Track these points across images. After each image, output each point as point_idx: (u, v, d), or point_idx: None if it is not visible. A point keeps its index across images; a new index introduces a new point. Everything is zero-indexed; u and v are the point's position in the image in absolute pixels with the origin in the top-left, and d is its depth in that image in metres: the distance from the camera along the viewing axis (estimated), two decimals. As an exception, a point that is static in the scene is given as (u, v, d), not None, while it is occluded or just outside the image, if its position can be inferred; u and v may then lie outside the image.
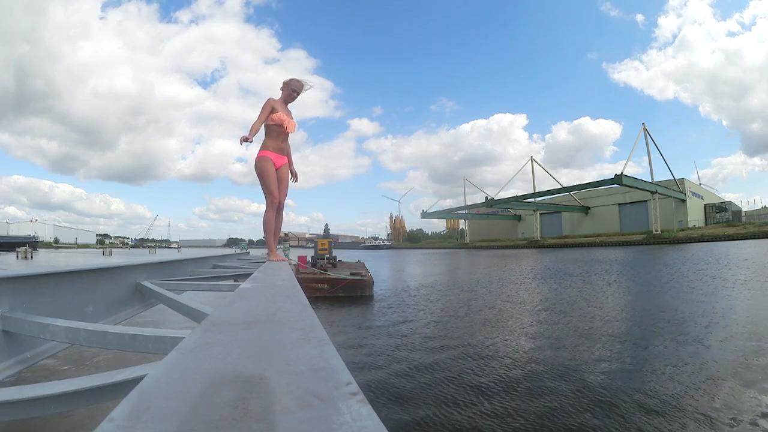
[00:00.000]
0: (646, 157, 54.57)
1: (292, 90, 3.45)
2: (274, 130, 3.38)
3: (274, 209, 3.42)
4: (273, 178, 3.37)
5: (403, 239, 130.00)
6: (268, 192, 3.37)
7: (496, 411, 4.17)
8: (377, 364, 5.83)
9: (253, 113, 3.25)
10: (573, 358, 5.79)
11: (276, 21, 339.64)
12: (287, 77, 3.51)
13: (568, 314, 8.88)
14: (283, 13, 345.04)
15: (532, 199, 66.25)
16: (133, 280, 2.23)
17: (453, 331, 7.78)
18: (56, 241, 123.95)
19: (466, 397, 4.54)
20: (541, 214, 70.09)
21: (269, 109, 3.31)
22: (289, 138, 3.53)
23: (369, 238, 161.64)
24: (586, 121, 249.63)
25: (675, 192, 55.03)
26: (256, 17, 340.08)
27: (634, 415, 3.92)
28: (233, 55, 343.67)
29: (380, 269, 24.49)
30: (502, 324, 8.30)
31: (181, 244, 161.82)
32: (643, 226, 56.19)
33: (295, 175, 3.75)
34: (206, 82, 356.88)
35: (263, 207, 3.45)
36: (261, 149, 3.40)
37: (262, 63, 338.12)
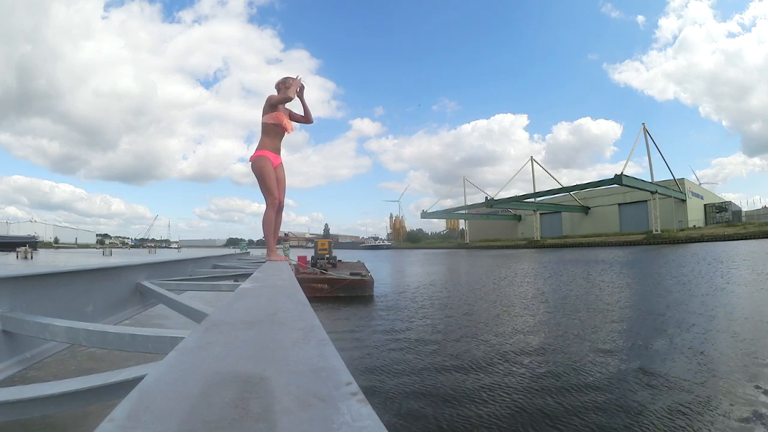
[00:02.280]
0: (646, 157, 54.71)
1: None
2: (272, 130, 3.37)
3: (275, 209, 3.41)
4: (272, 178, 3.35)
5: (403, 239, 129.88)
6: (268, 192, 3.35)
7: (497, 409, 4.17)
8: (378, 363, 5.83)
9: (255, 113, 3.29)
10: (575, 355, 5.79)
11: (279, 21, 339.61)
12: (282, 77, 3.48)
13: (570, 312, 8.88)
14: (285, 13, 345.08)
15: (532, 199, 66.24)
16: (133, 280, 2.23)
17: (454, 330, 7.78)
18: (56, 241, 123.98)
19: (467, 396, 4.54)
20: (541, 214, 70.04)
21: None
22: (289, 136, 3.52)
23: (369, 238, 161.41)
24: (586, 122, 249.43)
25: (675, 192, 55.03)
26: (259, 17, 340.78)
27: (635, 412, 3.92)
28: (236, 55, 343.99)
29: (380, 269, 24.47)
30: (504, 323, 8.30)
31: (181, 244, 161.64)
32: (643, 226, 56.15)
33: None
34: (209, 82, 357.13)
35: (263, 207, 3.43)
36: (258, 148, 3.37)
37: (264, 63, 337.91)
